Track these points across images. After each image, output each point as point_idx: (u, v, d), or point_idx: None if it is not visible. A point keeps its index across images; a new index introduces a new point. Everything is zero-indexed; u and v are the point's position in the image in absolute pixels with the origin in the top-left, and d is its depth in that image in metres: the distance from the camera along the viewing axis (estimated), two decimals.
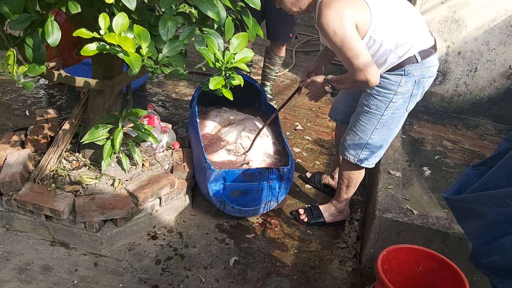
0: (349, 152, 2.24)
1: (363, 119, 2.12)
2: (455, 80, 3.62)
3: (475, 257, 1.18)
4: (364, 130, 2.14)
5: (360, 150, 2.20)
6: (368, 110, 2.09)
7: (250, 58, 1.74)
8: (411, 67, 1.95)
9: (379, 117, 2.08)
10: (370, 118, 2.10)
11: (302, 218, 2.53)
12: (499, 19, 3.33)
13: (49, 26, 1.55)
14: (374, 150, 2.20)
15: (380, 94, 2.03)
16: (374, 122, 2.10)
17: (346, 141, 2.24)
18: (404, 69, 1.95)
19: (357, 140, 2.18)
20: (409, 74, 1.96)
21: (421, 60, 1.94)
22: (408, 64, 1.94)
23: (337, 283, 2.20)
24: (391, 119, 2.09)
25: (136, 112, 2.25)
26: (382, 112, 2.06)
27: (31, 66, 1.65)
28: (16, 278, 2.00)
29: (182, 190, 2.45)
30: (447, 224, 2.13)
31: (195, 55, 4.02)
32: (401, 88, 1.99)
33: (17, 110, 3.23)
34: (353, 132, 2.19)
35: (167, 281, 2.08)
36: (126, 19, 1.52)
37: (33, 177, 2.24)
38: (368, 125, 2.12)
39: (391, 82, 1.99)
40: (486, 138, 3.45)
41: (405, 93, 2.01)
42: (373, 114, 2.08)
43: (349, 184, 2.37)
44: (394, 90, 2.00)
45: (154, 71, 1.64)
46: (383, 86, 2.00)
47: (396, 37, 1.90)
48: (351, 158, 2.25)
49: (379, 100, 2.04)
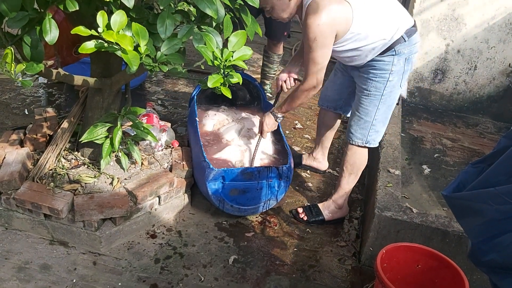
0: (356, 137, 2.34)
1: (365, 102, 2.25)
2: (454, 78, 3.62)
3: (474, 255, 1.18)
4: (367, 112, 2.26)
5: (367, 132, 2.31)
6: (369, 93, 2.22)
7: (248, 56, 1.73)
8: (400, 47, 2.11)
9: (379, 97, 2.21)
10: (372, 100, 2.23)
11: (302, 217, 2.54)
12: (498, 17, 3.33)
13: (47, 24, 1.54)
14: (378, 129, 2.33)
15: (377, 76, 2.17)
16: (375, 103, 2.23)
17: (352, 127, 2.34)
18: (394, 50, 2.11)
19: (362, 123, 2.30)
20: (399, 53, 2.12)
21: (408, 38, 2.11)
22: (397, 45, 2.10)
23: (337, 281, 2.20)
24: (389, 97, 2.23)
25: (135, 111, 2.25)
26: (382, 92, 2.20)
27: (29, 65, 1.65)
28: (15, 277, 2.00)
29: (181, 188, 2.45)
30: (446, 222, 2.13)
31: (194, 53, 4.00)
32: (395, 66, 2.14)
33: (16, 109, 3.23)
34: (357, 117, 2.30)
35: (166, 279, 2.08)
36: (124, 17, 1.52)
37: (32, 176, 2.23)
38: (370, 107, 2.24)
39: (385, 62, 2.14)
40: (486, 136, 3.45)
41: (398, 71, 2.17)
42: (374, 96, 2.21)
43: (353, 172, 2.44)
44: (389, 69, 2.15)
45: (152, 69, 1.63)
46: (378, 68, 2.16)
47: (380, 25, 2.08)
48: (359, 142, 2.34)
49: (377, 82, 2.18)
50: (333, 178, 2.95)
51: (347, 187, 2.49)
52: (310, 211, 2.55)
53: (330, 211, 2.53)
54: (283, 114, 2.41)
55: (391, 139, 2.81)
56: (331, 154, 3.20)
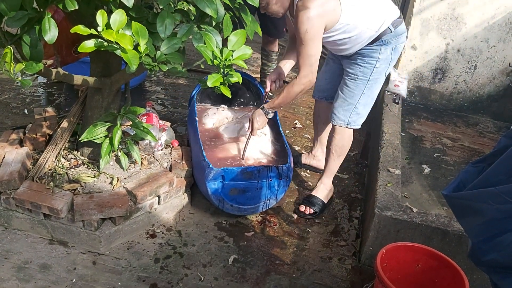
0: (339, 118, 2.46)
1: (351, 85, 2.37)
2: (454, 77, 3.61)
3: (474, 254, 1.17)
4: (352, 95, 2.39)
5: (349, 113, 2.43)
6: (356, 77, 2.35)
7: (248, 55, 1.73)
8: (387, 37, 2.25)
9: (366, 82, 2.35)
10: (358, 84, 2.36)
11: (308, 213, 2.56)
12: (498, 16, 3.32)
13: (46, 24, 1.54)
14: (359, 112, 2.44)
15: (365, 62, 2.31)
16: (361, 87, 2.36)
17: (336, 109, 2.46)
18: (382, 40, 2.25)
19: (346, 105, 2.42)
20: (386, 43, 2.26)
21: (394, 29, 2.25)
22: (384, 36, 2.24)
23: (337, 281, 2.20)
24: (375, 83, 2.37)
25: (135, 110, 2.25)
26: (368, 77, 2.33)
27: (28, 64, 1.64)
28: (14, 277, 1.99)
29: (181, 188, 2.44)
30: (446, 221, 2.13)
31: (194, 52, 4.01)
32: (382, 55, 2.28)
33: (15, 109, 3.23)
34: (342, 99, 2.42)
35: (166, 279, 2.08)
36: (124, 16, 1.51)
37: (31, 176, 2.23)
38: (356, 90, 2.37)
39: (373, 50, 2.28)
40: (486, 135, 3.45)
41: (385, 59, 2.31)
42: (360, 80, 2.35)
43: (341, 154, 2.56)
44: (377, 57, 2.29)
45: (152, 68, 1.63)
46: (366, 55, 2.29)
47: (368, 16, 2.21)
48: (341, 123, 2.46)
49: (365, 67, 2.32)
50: (334, 178, 2.94)
51: (335, 168, 2.62)
52: (310, 202, 2.59)
53: (325, 195, 2.64)
54: (274, 110, 2.48)
55: (391, 139, 2.81)
56: None
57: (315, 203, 2.58)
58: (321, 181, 2.65)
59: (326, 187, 2.64)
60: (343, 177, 2.97)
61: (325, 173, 2.63)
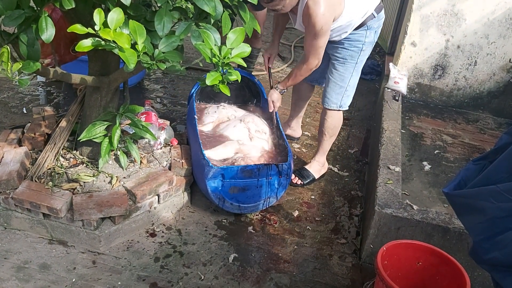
0: (332, 101, 2.65)
1: (341, 69, 2.55)
2: (454, 74, 3.60)
3: (476, 252, 1.17)
4: (343, 78, 2.57)
5: (341, 96, 2.63)
6: (345, 60, 2.52)
7: (247, 53, 1.72)
8: (371, 22, 2.43)
9: (354, 64, 2.53)
10: (347, 67, 2.54)
11: (296, 182, 2.76)
12: (498, 12, 3.31)
13: (43, 23, 1.53)
14: (349, 94, 2.65)
15: (352, 46, 2.48)
16: (350, 70, 2.55)
17: (329, 93, 2.64)
18: (367, 25, 2.43)
19: (337, 89, 2.60)
20: (370, 27, 2.45)
21: (377, 14, 2.44)
22: (369, 21, 2.42)
23: (337, 279, 2.19)
24: (361, 65, 2.58)
25: (133, 109, 2.24)
26: (356, 60, 2.52)
27: (26, 63, 1.64)
28: (14, 277, 1.99)
29: (181, 187, 2.44)
30: (447, 219, 2.12)
31: (193, 50, 4.00)
32: (367, 38, 2.48)
33: (14, 108, 3.22)
34: (333, 83, 2.60)
35: (166, 278, 2.07)
36: (121, 15, 1.50)
37: (30, 175, 2.22)
38: (346, 73, 2.56)
39: (359, 34, 2.45)
40: (486, 132, 3.44)
41: (370, 42, 2.51)
42: (349, 63, 2.53)
43: (333, 134, 2.77)
44: (363, 40, 2.47)
45: (150, 67, 1.62)
46: (353, 39, 2.46)
47: (359, 5, 2.37)
48: (334, 106, 2.66)
49: (352, 51, 2.49)
50: (333, 175, 2.95)
51: (328, 147, 2.84)
52: (301, 175, 2.79)
53: (317, 170, 2.83)
54: (285, 88, 2.67)
55: (391, 136, 2.80)
56: (331, 151, 3.19)
57: (306, 176, 2.80)
58: (314, 158, 2.86)
59: (319, 163, 2.85)
60: (343, 175, 2.97)
61: (319, 152, 2.84)
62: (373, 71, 4.42)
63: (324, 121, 2.72)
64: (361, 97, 3.97)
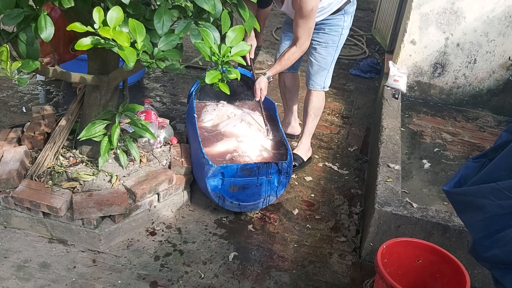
0: (316, 83, 2.82)
1: (324, 53, 2.73)
2: (454, 72, 3.60)
3: (476, 250, 1.17)
4: (326, 61, 2.75)
5: (324, 78, 2.81)
6: (327, 44, 2.70)
7: (246, 51, 1.72)
8: (347, 7, 2.61)
9: (335, 48, 2.72)
10: (329, 51, 2.72)
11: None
12: (498, 10, 3.31)
13: (42, 21, 1.53)
14: (330, 75, 2.83)
15: (332, 30, 2.66)
16: (332, 53, 2.74)
17: (313, 75, 2.81)
18: (344, 10, 2.61)
19: (321, 71, 2.78)
20: (347, 12, 2.63)
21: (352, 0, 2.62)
22: (345, 6, 2.60)
23: (337, 277, 2.20)
24: (340, 47, 2.76)
25: (133, 108, 2.23)
26: (337, 43, 2.71)
27: (25, 62, 1.63)
28: (14, 276, 1.99)
29: (181, 185, 2.43)
30: (447, 217, 2.12)
31: (193, 49, 4.00)
32: (345, 23, 2.66)
33: (13, 107, 3.21)
34: (317, 66, 2.77)
35: (166, 277, 2.07)
36: (120, 13, 1.50)
37: (30, 174, 2.22)
38: (328, 56, 2.74)
39: (337, 19, 2.63)
40: (486, 130, 3.44)
41: (348, 26, 2.70)
42: (331, 47, 2.71)
43: (317, 114, 2.93)
44: (342, 25, 2.65)
45: (149, 65, 1.62)
46: (332, 24, 2.64)
47: None
48: (319, 88, 2.83)
49: (333, 35, 2.68)
50: (333, 174, 2.95)
51: (313, 129, 2.98)
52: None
53: (304, 152, 2.96)
54: (273, 74, 2.73)
55: (391, 134, 2.80)
56: (330, 149, 3.19)
57: (295, 159, 2.88)
58: (300, 141, 3.00)
59: (305, 146, 2.97)
60: (343, 173, 2.97)
61: (304, 134, 2.98)
62: (373, 69, 4.42)
63: (309, 102, 2.88)
64: (360, 96, 3.97)
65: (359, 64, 4.53)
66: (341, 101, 3.87)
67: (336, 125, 3.51)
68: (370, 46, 5.19)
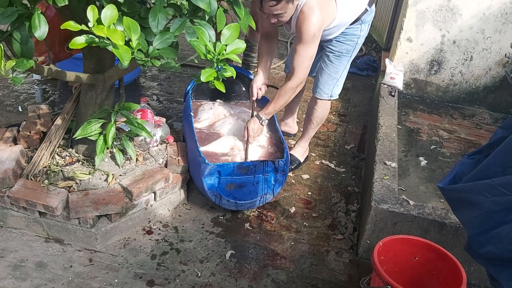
0: (324, 91, 2.69)
1: (336, 62, 2.59)
2: (450, 69, 3.60)
3: (471, 247, 1.17)
4: (337, 70, 2.61)
5: (332, 87, 2.67)
6: (340, 54, 2.56)
7: (242, 49, 1.71)
8: (365, 16, 2.47)
9: (349, 57, 2.59)
10: (342, 60, 2.58)
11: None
12: (494, 7, 3.31)
13: (36, 20, 1.51)
14: (340, 84, 2.70)
15: (348, 40, 2.52)
16: (344, 63, 2.60)
17: (322, 84, 2.67)
18: (361, 20, 2.46)
19: (330, 80, 2.64)
20: (364, 21, 2.49)
21: (369, 8, 2.47)
22: (363, 15, 2.45)
23: (334, 274, 2.20)
24: (354, 56, 2.63)
25: (129, 106, 2.23)
26: (351, 53, 2.58)
27: (19, 61, 1.62)
28: (10, 275, 1.99)
29: (177, 184, 2.43)
30: (443, 214, 2.13)
31: (189, 47, 3.98)
32: (362, 32, 2.52)
33: (9, 106, 3.20)
34: (327, 75, 2.63)
35: (162, 276, 2.07)
36: (115, 11, 1.49)
37: (26, 174, 2.22)
38: (340, 66, 2.61)
39: (354, 29, 2.48)
40: (482, 127, 3.45)
41: (364, 35, 2.56)
42: (344, 56, 2.57)
43: (320, 122, 2.84)
44: (358, 34, 2.51)
45: (144, 64, 1.61)
46: (349, 33, 2.49)
47: (354, 5, 2.41)
48: (326, 96, 2.70)
49: (348, 44, 2.53)
50: (330, 171, 2.95)
51: (313, 134, 2.91)
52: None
53: (301, 154, 2.92)
54: (268, 117, 2.55)
55: (388, 132, 2.80)
56: (327, 147, 3.19)
57: (292, 161, 2.83)
58: (298, 143, 2.93)
59: (302, 148, 2.93)
60: (339, 171, 2.97)
61: (304, 137, 2.91)
62: (369, 67, 4.42)
63: (313, 110, 2.77)
64: (357, 93, 3.97)
65: (356, 62, 4.52)
66: (338, 99, 3.84)
67: (333, 123, 3.51)
68: (366, 44, 5.17)
